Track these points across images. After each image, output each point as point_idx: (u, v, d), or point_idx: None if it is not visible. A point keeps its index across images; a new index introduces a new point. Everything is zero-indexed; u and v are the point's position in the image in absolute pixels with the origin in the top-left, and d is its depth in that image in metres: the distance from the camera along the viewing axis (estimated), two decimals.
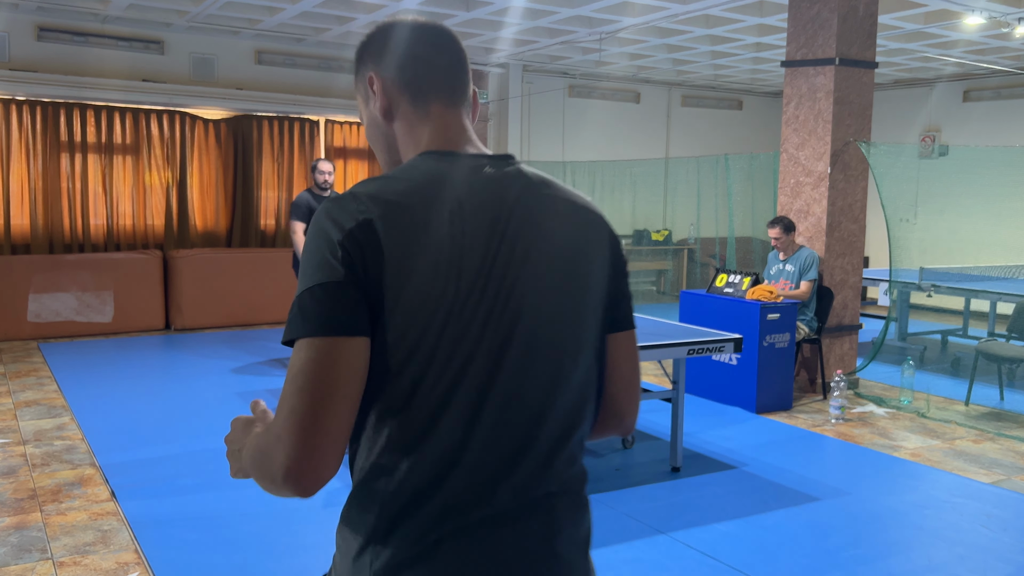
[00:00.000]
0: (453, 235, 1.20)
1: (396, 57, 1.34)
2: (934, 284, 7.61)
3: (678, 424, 4.82)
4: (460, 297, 1.19)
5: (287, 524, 3.97)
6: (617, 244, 1.39)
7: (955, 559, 3.73)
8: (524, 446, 1.24)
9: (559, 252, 1.28)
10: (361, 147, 10.78)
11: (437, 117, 1.34)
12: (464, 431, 1.20)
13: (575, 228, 1.33)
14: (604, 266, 1.35)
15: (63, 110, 8.99)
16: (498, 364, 1.21)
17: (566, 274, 1.28)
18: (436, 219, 1.20)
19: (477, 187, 1.26)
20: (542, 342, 1.25)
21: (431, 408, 1.19)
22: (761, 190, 10.11)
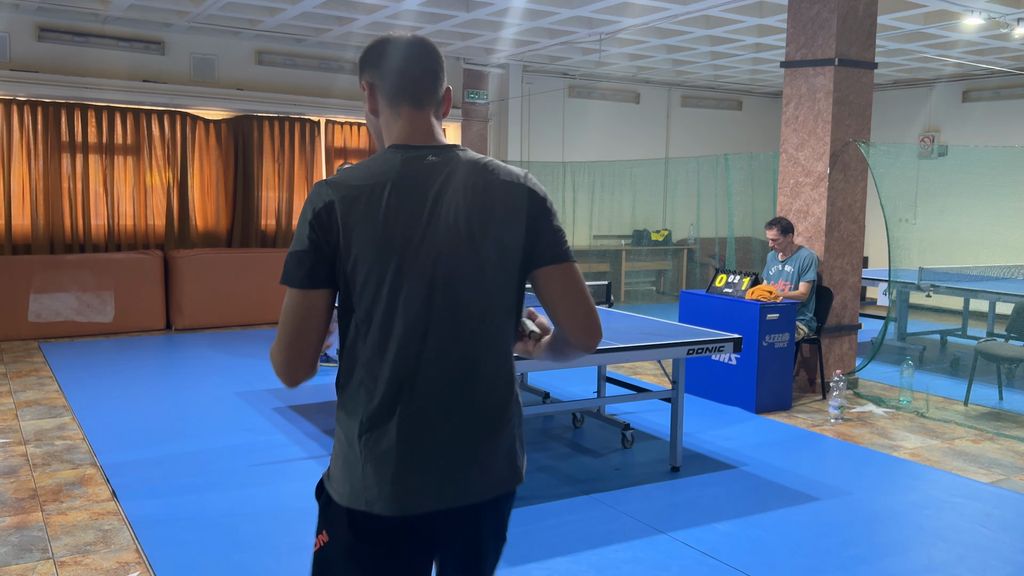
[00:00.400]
0: (387, 208, 1.64)
1: (380, 68, 1.75)
2: (933, 284, 7.62)
3: (678, 424, 4.83)
4: (394, 250, 1.64)
5: (287, 524, 3.98)
6: (534, 201, 1.74)
7: (954, 559, 3.74)
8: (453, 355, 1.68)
9: (470, 211, 1.68)
10: (361, 147, 10.79)
11: (406, 117, 1.75)
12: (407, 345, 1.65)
13: (487, 193, 1.70)
14: (518, 219, 1.71)
15: (64, 110, 9.00)
16: (428, 295, 1.66)
17: (475, 226, 1.68)
18: (376, 198, 1.64)
19: (415, 171, 1.68)
20: (455, 276, 1.67)
21: (383, 335, 1.65)
22: (761, 190, 10.12)
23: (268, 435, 5.40)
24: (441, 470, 1.67)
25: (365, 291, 1.64)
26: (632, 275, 12.83)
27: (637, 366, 7.77)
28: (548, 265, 1.73)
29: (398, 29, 9.04)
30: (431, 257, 1.66)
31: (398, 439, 1.65)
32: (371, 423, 1.66)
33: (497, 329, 1.73)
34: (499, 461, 1.73)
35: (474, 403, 1.69)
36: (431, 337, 1.66)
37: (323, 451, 5.08)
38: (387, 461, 1.66)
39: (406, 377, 1.65)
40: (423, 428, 1.66)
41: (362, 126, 10.74)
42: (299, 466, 4.81)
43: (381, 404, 1.66)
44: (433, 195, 1.67)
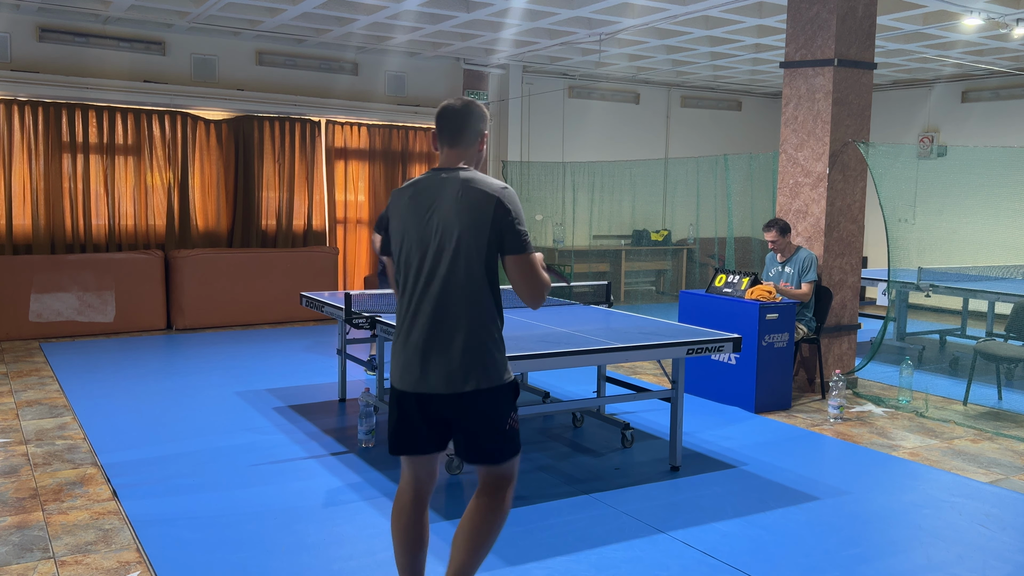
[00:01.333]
0: (410, 204, 2.76)
1: (436, 121, 2.83)
2: (932, 284, 7.63)
3: (677, 423, 4.84)
4: (406, 232, 2.76)
5: (288, 524, 3.99)
6: (496, 208, 2.65)
7: (954, 558, 3.75)
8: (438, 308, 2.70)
9: (454, 211, 2.67)
10: (361, 148, 10.80)
11: (443, 153, 2.83)
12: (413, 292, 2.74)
13: (466, 199, 2.66)
14: (486, 221, 2.64)
15: (65, 111, 9.01)
16: (421, 263, 2.72)
17: (454, 220, 2.67)
18: (407, 198, 2.77)
19: (431, 183, 2.76)
20: (440, 253, 2.68)
21: (403, 287, 2.78)
22: (760, 190, 10.13)
23: (268, 435, 5.41)
24: (416, 368, 2.72)
25: (399, 258, 2.80)
26: (632, 275, 12.84)
27: (637, 366, 7.78)
28: (508, 255, 2.70)
29: (398, 29, 9.08)
30: (426, 239, 2.71)
31: (404, 348, 2.75)
32: (397, 336, 2.79)
33: (467, 289, 2.67)
34: (454, 370, 2.67)
35: (441, 334, 2.68)
36: (425, 289, 2.71)
37: (323, 451, 5.09)
38: (396, 361, 2.78)
39: (411, 314, 2.74)
40: (417, 344, 2.71)
41: (362, 126, 10.75)
42: (299, 466, 4.83)
43: (400, 328, 2.78)
44: (434, 199, 2.72)
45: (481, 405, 2.69)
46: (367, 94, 10.57)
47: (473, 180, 2.67)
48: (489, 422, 2.72)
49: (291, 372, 7.21)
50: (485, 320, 2.69)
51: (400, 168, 11.03)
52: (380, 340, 5.76)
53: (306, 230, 10.46)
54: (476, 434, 2.75)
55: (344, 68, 10.38)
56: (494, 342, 2.71)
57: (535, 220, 11.81)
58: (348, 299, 5.21)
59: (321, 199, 10.60)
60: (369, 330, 5.23)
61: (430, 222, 2.68)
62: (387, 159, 10.93)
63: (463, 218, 2.64)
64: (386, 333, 5.04)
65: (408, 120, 10.90)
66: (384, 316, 5.18)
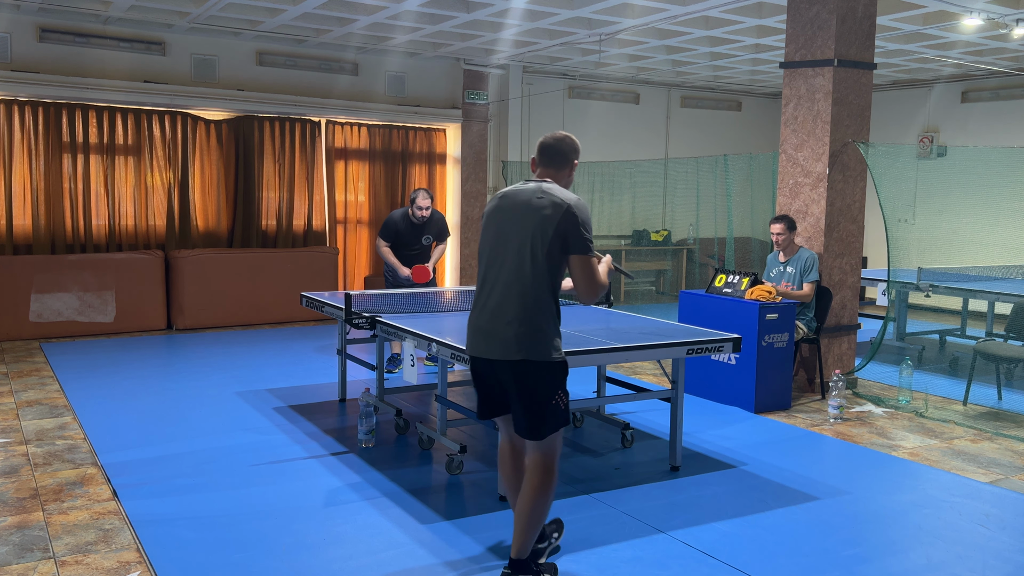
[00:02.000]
0: (498, 204, 3.32)
1: (536, 149, 3.38)
2: (932, 284, 7.64)
3: (677, 423, 4.85)
4: (493, 226, 3.31)
5: (288, 523, 4.00)
6: (563, 215, 3.16)
7: (953, 558, 3.76)
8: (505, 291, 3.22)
9: (529, 214, 3.20)
10: (361, 148, 10.81)
11: (538, 169, 3.38)
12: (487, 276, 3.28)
13: (540, 204, 3.19)
14: (553, 224, 3.15)
15: (65, 111, 9.01)
16: (501, 253, 3.24)
17: (530, 224, 3.18)
18: (498, 198, 3.33)
19: (517, 189, 3.29)
20: (514, 245, 3.21)
21: (482, 270, 3.33)
22: (760, 191, 10.13)
23: (268, 435, 5.41)
24: (483, 337, 3.26)
25: (481, 247, 3.35)
26: (635, 274, 12.82)
27: (637, 366, 7.78)
28: (571, 254, 3.19)
29: (398, 30, 9.08)
30: (504, 233, 3.25)
31: (475, 320, 3.31)
32: (472, 311, 3.34)
33: (531, 277, 3.18)
34: (509, 341, 3.18)
35: (505, 311, 3.19)
36: (498, 275, 3.24)
37: (323, 451, 5.09)
38: (469, 331, 3.35)
39: (485, 294, 3.27)
40: (485, 318, 3.26)
41: (362, 127, 10.75)
42: (299, 466, 4.83)
43: (475, 305, 3.33)
44: (516, 202, 3.25)
45: (530, 375, 3.17)
46: (367, 94, 10.57)
47: (549, 190, 3.19)
48: (535, 393, 3.18)
49: (291, 372, 7.21)
50: (541, 305, 3.17)
51: (400, 168, 11.03)
52: (380, 340, 5.77)
53: (306, 230, 10.47)
54: (527, 404, 3.20)
55: (344, 68, 10.38)
56: (547, 324, 3.19)
57: None
58: (348, 299, 5.21)
59: (321, 199, 10.60)
60: (369, 330, 5.23)
61: (509, 220, 3.22)
62: (387, 159, 10.94)
63: (535, 220, 3.15)
64: (386, 333, 5.05)
65: (408, 120, 10.90)
66: (384, 316, 5.19)
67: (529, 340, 3.16)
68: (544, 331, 3.17)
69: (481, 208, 11.42)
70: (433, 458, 5.01)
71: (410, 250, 7.13)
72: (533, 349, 3.16)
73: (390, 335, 5.00)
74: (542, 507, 3.26)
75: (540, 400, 3.20)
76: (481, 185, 11.40)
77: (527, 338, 3.15)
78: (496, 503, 4.29)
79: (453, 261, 11.53)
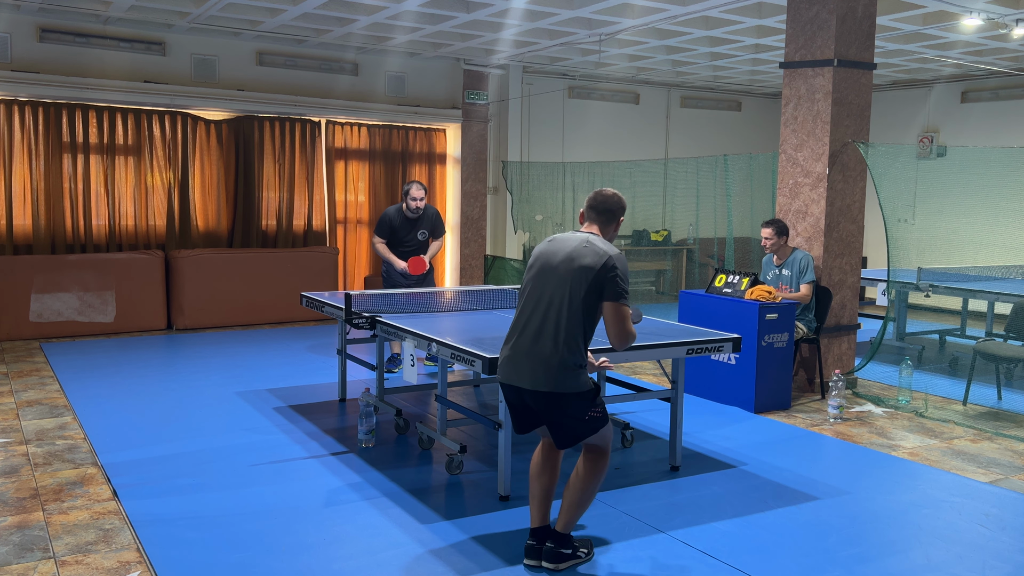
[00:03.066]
0: (546, 248, 3.59)
1: (588, 201, 3.66)
2: (932, 284, 7.64)
3: (677, 423, 4.85)
4: (534, 266, 3.57)
5: (288, 523, 4.00)
6: (603, 265, 3.41)
7: (953, 558, 3.76)
8: (540, 327, 3.47)
9: (571, 262, 3.46)
10: (361, 148, 10.81)
11: (586, 222, 3.66)
12: (525, 311, 3.54)
13: (582, 254, 3.45)
14: (592, 273, 3.41)
15: (65, 111, 9.02)
16: (539, 297, 3.49)
17: (571, 271, 3.44)
18: (547, 242, 3.62)
19: (565, 237, 3.58)
20: (553, 291, 3.46)
21: (520, 308, 3.57)
22: (760, 191, 10.13)
23: (269, 435, 5.42)
24: (514, 367, 3.50)
25: (524, 285, 3.58)
26: (632, 275, 12.83)
27: (637, 366, 7.78)
28: (605, 301, 3.43)
29: (398, 30, 9.08)
30: (545, 276, 3.50)
31: (511, 350, 3.53)
32: (507, 343, 3.58)
33: (564, 319, 3.42)
34: (539, 375, 3.42)
35: (538, 346, 3.44)
36: (534, 311, 3.48)
37: (323, 451, 5.10)
38: (502, 360, 3.58)
39: (521, 327, 3.51)
40: (520, 350, 3.48)
41: (362, 127, 10.76)
42: (299, 466, 4.83)
43: (510, 336, 3.56)
44: (561, 249, 3.52)
45: (560, 404, 3.45)
46: (367, 94, 10.58)
47: (592, 242, 3.48)
48: (568, 417, 3.48)
49: (291, 372, 7.21)
50: (571, 344, 3.42)
51: (400, 168, 11.04)
52: (380, 340, 5.77)
53: (306, 230, 10.47)
54: (559, 424, 3.51)
55: (344, 68, 10.38)
56: (574, 361, 3.44)
57: (535, 220, 11.81)
58: (348, 299, 5.21)
59: (321, 199, 10.60)
60: (369, 330, 5.23)
61: (553, 265, 3.48)
62: (387, 159, 10.94)
63: (577, 268, 3.42)
64: (386, 333, 5.05)
65: (408, 120, 10.90)
66: (384, 316, 5.19)
67: (560, 374, 3.41)
68: (572, 368, 3.42)
69: (481, 208, 11.42)
70: (433, 458, 5.01)
71: (406, 246, 7.11)
72: (562, 383, 3.41)
73: (390, 335, 5.01)
74: (593, 488, 3.57)
75: (574, 421, 3.47)
76: (481, 185, 11.40)
77: (559, 372, 3.41)
78: (496, 503, 4.29)
79: (453, 261, 11.53)
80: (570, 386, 3.41)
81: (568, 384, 3.40)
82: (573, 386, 3.41)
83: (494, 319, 5.34)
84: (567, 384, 3.40)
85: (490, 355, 3.99)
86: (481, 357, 4.00)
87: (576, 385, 3.42)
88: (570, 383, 3.41)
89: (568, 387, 3.40)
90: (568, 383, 3.40)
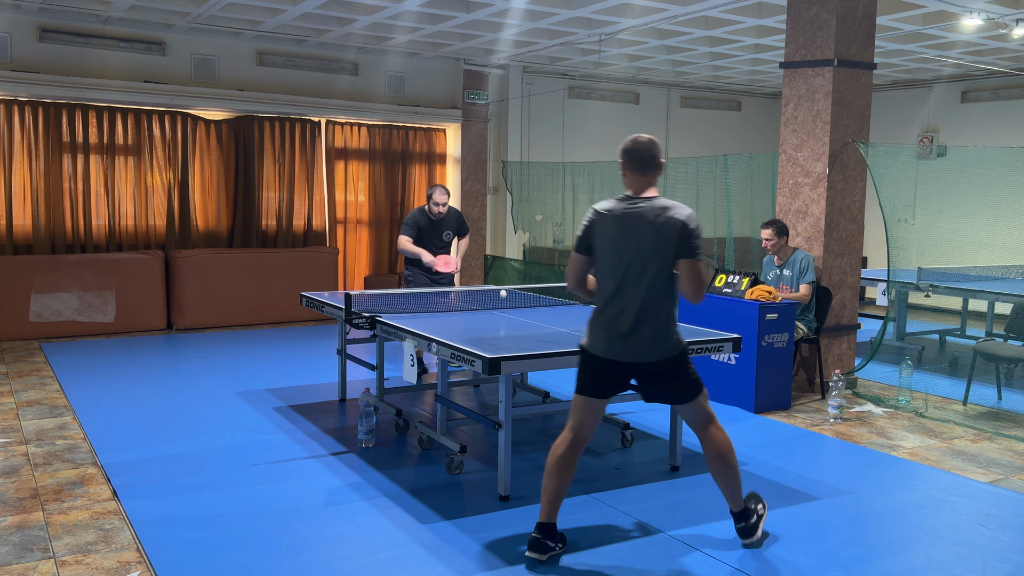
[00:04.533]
0: (617, 223, 3.60)
1: (627, 154, 3.65)
2: (932, 284, 7.64)
3: (677, 423, 4.85)
4: (611, 244, 3.61)
5: (288, 524, 4.00)
6: (682, 227, 3.51)
7: (953, 558, 3.76)
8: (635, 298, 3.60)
9: (653, 231, 3.54)
10: (361, 148, 10.81)
11: (634, 180, 3.65)
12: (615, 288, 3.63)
13: (658, 220, 3.53)
14: (672, 234, 3.51)
15: (65, 111, 9.02)
16: (626, 268, 3.59)
17: (650, 236, 3.54)
18: (614, 217, 3.61)
19: (634, 208, 3.59)
20: (638, 260, 3.56)
21: (605, 282, 3.67)
22: (760, 191, 10.12)
23: (269, 434, 5.42)
24: (618, 343, 3.63)
25: (606, 263, 3.65)
26: None
27: None
28: (681, 259, 3.55)
29: (398, 30, 9.08)
30: (630, 250, 3.57)
31: (608, 327, 3.65)
32: (600, 317, 3.69)
33: (656, 288, 3.58)
34: (645, 346, 3.62)
35: (639, 320, 3.59)
36: (624, 288, 3.60)
37: (323, 451, 5.09)
38: (598, 334, 3.69)
39: (614, 303, 3.63)
40: (620, 327, 3.62)
41: (362, 127, 10.76)
42: (299, 465, 4.83)
43: (603, 312, 3.68)
44: (638, 220, 3.56)
45: (666, 369, 3.68)
46: (367, 94, 10.58)
47: (668, 208, 3.53)
48: (674, 378, 3.71)
49: (291, 372, 7.21)
50: (667, 309, 3.62)
51: (400, 168, 11.04)
52: (380, 340, 5.77)
53: (306, 230, 10.47)
54: (667, 387, 3.75)
55: (344, 68, 10.38)
56: (674, 324, 3.68)
57: (535, 220, 11.81)
58: (348, 299, 5.21)
59: (321, 199, 10.61)
60: (369, 330, 5.23)
61: (634, 238, 3.55)
62: (387, 159, 10.94)
63: (659, 237, 3.52)
64: (386, 333, 5.05)
65: (408, 120, 10.90)
66: (384, 316, 5.19)
67: (664, 341, 3.64)
68: (672, 331, 3.67)
69: (481, 208, 11.42)
70: (433, 458, 5.01)
71: (431, 247, 7.06)
72: (667, 348, 3.65)
73: (390, 335, 5.01)
74: (736, 460, 3.81)
75: (683, 379, 3.72)
76: (481, 185, 11.40)
77: (663, 340, 3.63)
78: (496, 503, 4.29)
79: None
80: (671, 350, 3.65)
81: (672, 346, 3.66)
82: (673, 349, 3.66)
83: (494, 319, 5.34)
84: (671, 347, 3.66)
85: (490, 355, 3.99)
86: (481, 357, 3.99)
87: (676, 347, 3.67)
88: (672, 345, 3.66)
89: (671, 351, 3.65)
90: (672, 345, 3.66)
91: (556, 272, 9.83)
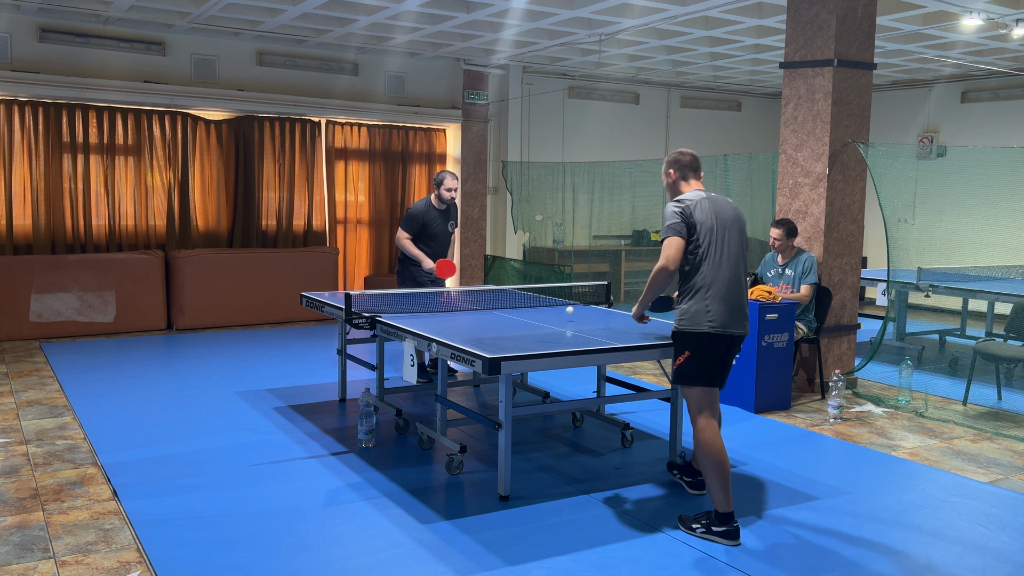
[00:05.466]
0: (712, 210, 4.04)
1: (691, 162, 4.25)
2: (932, 284, 7.64)
3: (677, 423, 4.85)
4: (708, 232, 4.01)
5: (288, 524, 4.00)
6: (744, 219, 4.16)
7: (953, 558, 3.76)
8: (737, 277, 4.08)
9: (733, 218, 4.10)
10: (361, 148, 10.81)
11: (696, 180, 4.24)
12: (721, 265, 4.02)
13: (735, 210, 4.14)
14: (743, 225, 4.14)
15: (65, 111, 9.02)
16: (725, 246, 4.04)
17: (734, 225, 4.09)
18: (709, 204, 4.06)
19: (718, 199, 4.13)
20: (730, 247, 4.05)
21: (702, 266, 4.02)
22: (760, 191, 10.12)
23: (269, 435, 5.42)
24: (741, 316, 4.05)
25: (709, 244, 3.99)
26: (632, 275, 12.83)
27: (637, 366, 7.78)
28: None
29: (398, 30, 9.08)
30: (724, 233, 4.01)
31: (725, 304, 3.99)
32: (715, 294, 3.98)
33: (743, 265, 4.06)
34: (746, 321, 4.06)
35: (743, 293, 4.06)
36: (726, 264, 3.99)
37: (323, 451, 5.10)
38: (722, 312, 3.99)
39: (725, 280, 4.00)
40: (737, 300, 4.02)
41: (362, 127, 10.75)
42: (300, 465, 4.83)
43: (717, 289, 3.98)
44: (724, 209, 4.06)
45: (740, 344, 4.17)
46: (367, 94, 10.58)
47: (730, 201, 4.17)
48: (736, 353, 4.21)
49: (291, 372, 7.21)
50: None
51: (400, 168, 11.04)
52: (380, 340, 5.77)
53: (306, 230, 10.47)
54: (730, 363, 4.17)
55: (344, 68, 10.38)
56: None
57: (535, 220, 11.81)
58: (348, 299, 5.21)
59: (321, 199, 10.61)
60: (369, 330, 5.23)
61: (726, 225, 4.03)
62: (387, 159, 10.94)
63: (737, 223, 4.09)
64: (386, 333, 5.05)
65: (408, 120, 10.90)
66: (384, 316, 5.19)
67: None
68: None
69: (481, 208, 11.42)
70: (433, 458, 5.02)
71: (436, 240, 6.90)
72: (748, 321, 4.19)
73: (390, 335, 5.01)
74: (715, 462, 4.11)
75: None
76: (481, 185, 11.40)
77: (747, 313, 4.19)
78: (496, 503, 4.29)
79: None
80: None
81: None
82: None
83: (494, 319, 5.34)
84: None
85: (490, 355, 3.98)
86: (481, 357, 3.99)
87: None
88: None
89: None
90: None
91: (556, 272, 9.83)
